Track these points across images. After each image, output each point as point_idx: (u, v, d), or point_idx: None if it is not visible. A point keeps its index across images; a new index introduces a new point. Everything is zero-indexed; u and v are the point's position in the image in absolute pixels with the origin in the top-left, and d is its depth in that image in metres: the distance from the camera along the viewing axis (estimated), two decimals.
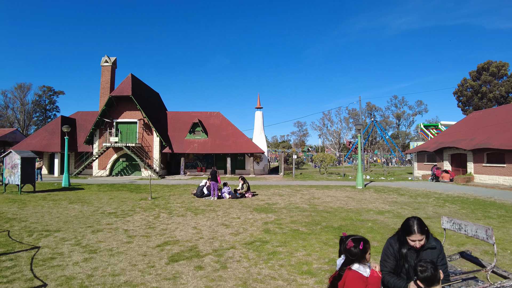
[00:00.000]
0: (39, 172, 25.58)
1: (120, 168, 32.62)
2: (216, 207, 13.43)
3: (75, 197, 15.99)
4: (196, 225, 9.87)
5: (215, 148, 33.25)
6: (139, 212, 12.11)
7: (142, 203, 14.32)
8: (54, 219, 10.54)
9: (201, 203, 14.64)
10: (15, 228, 9.14)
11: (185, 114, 38.15)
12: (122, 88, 31.58)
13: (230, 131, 35.47)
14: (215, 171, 16.18)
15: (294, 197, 16.66)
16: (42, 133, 33.54)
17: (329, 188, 21.36)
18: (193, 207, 13.43)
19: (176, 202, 14.70)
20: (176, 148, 32.91)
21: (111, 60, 33.50)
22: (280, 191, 19.39)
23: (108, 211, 12.13)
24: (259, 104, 39.27)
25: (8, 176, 17.77)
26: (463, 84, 67.59)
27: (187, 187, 21.15)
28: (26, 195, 16.52)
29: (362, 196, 17.45)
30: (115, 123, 32.29)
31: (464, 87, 67.20)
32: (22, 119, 73.70)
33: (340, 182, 26.46)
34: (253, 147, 33.37)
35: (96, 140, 32.20)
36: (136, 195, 17.26)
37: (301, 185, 22.86)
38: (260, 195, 17.29)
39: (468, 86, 66.33)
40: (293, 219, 10.82)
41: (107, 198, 15.95)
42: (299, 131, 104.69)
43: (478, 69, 64.66)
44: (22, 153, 17.77)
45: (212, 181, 15.88)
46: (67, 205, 13.41)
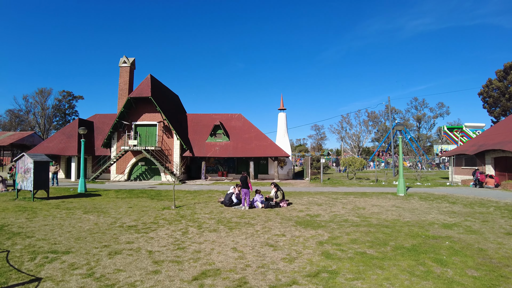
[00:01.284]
0: (55, 176, 24.32)
1: (138, 172, 31.17)
2: (251, 219, 11.58)
3: (91, 205, 14.40)
4: (235, 245, 8.04)
5: (237, 151, 31.49)
6: (163, 225, 10.36)
7: (166, 214, 12.59)
8: (64, 234, 8.87)
9: (232, 213, 12.81)
10: (17, 248, 7.49)
11: (205, 116, 36.56)
12: (141, 89, 30.19)
13: (252, 134, 33.67)
14: (245, 176, 14.35)
15: (335, 207, 14.70)
16: (59, 136, 32.44)
17: (368, 195, 19.30)
18: (224, 219, 11.61)
19: (204, 213, 12.92)
20: (197, 152, 31.29)
21: (130, 60, 32.22)
22: (315, 199, 17.43)
23: (127, 224, 10.42)
24: (282, 106, 37.41)
25: (20, 181, 16.37)
26: (488, 85, 64.31)
27: (211, 194, 19.39)
28: (39, 202, 15.04)
29: (410, 205, 15.43)
30: (134, 125, 30.90)
31: (490, 88, 63.91)
32: (43, 123, 74.05)
33: (375, 188, 24.28)
34: (277, 150, 31.47)
35: (114, 144, 30.86)
36: (158, 203, 15.57)
37: (335, 192, 20.83)
38: (295, 204, 15.37)
39: (494, 87, 63.04)
40: (352, 237, 8.89)
41: (125, 206, 14.31)
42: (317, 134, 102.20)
43: (505, 68, 61.26)
44: (35, 156, 16.34)
45: (243, 188, 14.05)
46: (81, 216, 11.78)
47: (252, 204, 14.44)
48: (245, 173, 14.71)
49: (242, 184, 14.09)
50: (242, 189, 14.03)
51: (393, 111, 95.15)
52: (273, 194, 15.42)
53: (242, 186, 14.05)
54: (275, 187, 15.45)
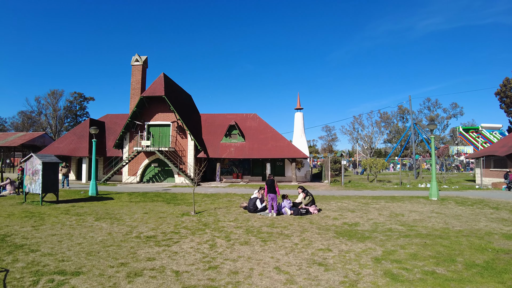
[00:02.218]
0: (65, 178, 23.31)
1: (151, 174, 30.05)
2: (283, 229, 10.22)
3: (103, 211, 13.20)
4: (277, 263, 6.71)
5: (253, 152, 30.18)
6: (186, 235, 9.07)
7: (186, 221, 11.31)
8: (74, 247, 7.64)
9: (259, 221, 11.48)
10: (18, 266, 6.26)
11: (219, 116, 35.35)
12: (154, 88, 29.10)
13: (268, 134, 32.34)
14: (272, 180, 12.99)
15: (371, 213, 13.30)
16: (70, 137, 31.51)
17: (398, 199, 17.85)
18: (253, 228, 10.28)
19: (228, 220, 11.61)
20: (212, 153, 30.07)
21: (142, 59, 31.17)
22: (344, 204, 16.03)
23: (145, 234, 9.16)
24: (299, 105, 36.01)
25: (28, 183, 15.27)
26: (505, 85, 61.99)
27: (230, 198, 18.11)
28: (47, 207, 13.89)
29: (450, 210, 14.11)
30: (147, 125, 29.81)
31: (507, 88, 61.60)
32: (54, 124, 74.05)
33: (402, 192, 22.74)
34: (295, 151, 30.08)
35: (126, 144, 29.80)
36: (175, 208, 14.32)
37: (362, 196, 19.39)
38: (325, 210, 13.99)
39: None
40: (409, 252, 7.54)
41: (141, 212, 13.08)
42: (328, 135, 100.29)
43: None
44: (44, 157, 15.23)
45: (269, 193, 12.69)
46: (93, 223, 10.56)
47: (280, 211, 13.10)
48: (271, 176, 13.37)
49: (268, 188, 12.75)
50: (269, 194, 12.69)
51: (406, 111, 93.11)
52: (301, 199, 14.07)
53: (269, 191, 12.70)
54: (303, 192, 14.08)
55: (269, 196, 12.69)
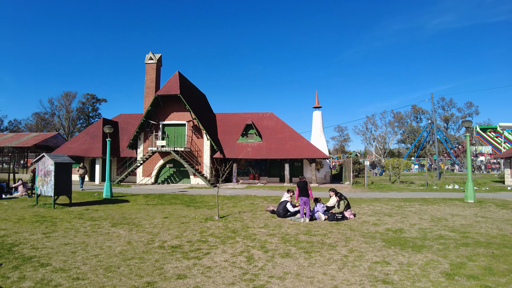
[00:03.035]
0: (82, 180, 22.48)
1: (166, 175, 29.10)
2: (323, 237, 9.04)
3: (119, 215, 12.18)
4: (333, 281, 5.54)
5: (271, 152, 29.01)
6: (216, 245, 7.95)
7: (212, 227, 10.21)
8: (90, 260, 6.57)
9: (293, 228, 10.31)
10: (25, 286, 5.20)
11: (235, 115, 34.26)
12: (169, 86, 28.17)
13: (286, 134, 31.13)
14: (304, 182, 11.80)
15: (410, 217, 12.06)
16: (83, 137, 30.77)
17: (431, 202, 16.55)
18: (289, 236, 9.11)
19: (258, 226, 10.47)
20: (228, 153, 28.99)
21: (156, 57, 30.29)
22: (376, 207, 14.77)
23: (169, 243, 8.07)
24: (317, 103, 34.72)
25: (40, 185, 14.37)
26: None
27: (252, 200, 16.97)
28: (60, 210, 12.94)
29: (495, 214, 12.96)
30: (161, 125, 28.88)
31: None
32: (67, 126, 74.16)
33: (431, 193, 21.34)
34: (314, 151, 28.81)
35: (141, 144, 28.92)
36: (196, 211, 13.24)
37: (392, 199, 18.08)
38: (360, 215, 12.76)
39: None
40: (481, 265, 6.45)
41: (160, 216, 12.02)
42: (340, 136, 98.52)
43: None
44: (56, 157, 14.30)
45: (301, 196, 11.51)
46: (109, 230, 9.52)
47: (313, 216, 11.92)
48: (303, 178, 12.16)
49: (300, 191, 11.56)
50: (301, 198, 11.50)
51: (419, 111, 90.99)
52: (334, 203, 12.86)
53: (301, 194, 11.51)
54: (337, 196, 12.85)
55: (301, 200, 11.52)
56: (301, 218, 11.52)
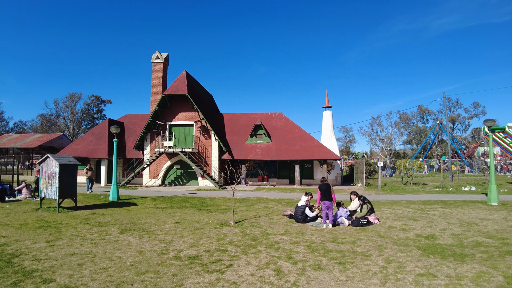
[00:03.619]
0: (89, 182, 21.65)
1: (173, 177, 28.35)
2: (352, 244, 8.21)
3: (128, 220, 11.41)
4: None
5: (281, 153, 28.19)
6: (237, 255, 7.16)
7: (228, 233, 9.42)
8: (99, 274, 5.79)
9: (317, 235, 9.49)
10: None
11: (243, 116, 33.46)
12: (176, 86, 27.44)
13: (296, 134, 30.29)
14: (327, 185, 10.97)
15: (437, 222, 11.31)
16: (88, 138, 30.10)
17: (454, 205, 15.72)
18: (315, 244, 8.29)
19: (278, 232, 9.66)
20: (237, 154, 28.19)
21: (163, 56, 29.58)
22: (397, 210, 13.94)
23: (185, 253, 7.28)
24: (327, 103, 33.85)
25: (44, 187, 13.65)
26: None
27: (265, 203, 16.15)
28: (65, 214, 12.20)
29: None
30: (169, 125, 28.14)
31: None
32: (72, 127, 73.81)
33: (449, 195, 20.43)
34: (326, 152, 27.95)
35: (147, 145, 28.19)
36: (209, 216, 12.45)
37: (410, 201, 17.26)
38: (383, 219, 11.95)
39: None
40: None
41: (171, 221, 11.24)
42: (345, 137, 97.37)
43: None
44: (61, 158, 13.58)
45: (324, 200, 10.68)
46: (118, 237, 8.75)
47: (335, 221, 11.09)
48: (325, 180, 11.34)
49: (323, 194, 10.72)
50: (323, 202, 10.67)
51: (426, 112, 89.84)
52: (356, 207, 12.03)
53: (323, 197, 10.68)
54: (359, 199, 12.03)
55: (323, 204, 10.69)
56: (323, 223, 10.70)
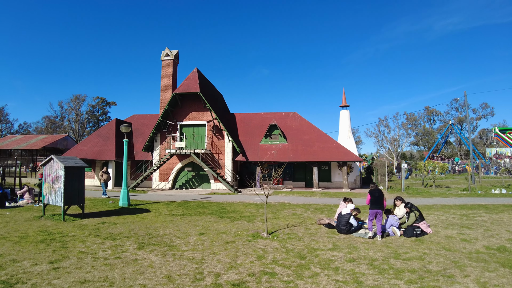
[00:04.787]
0: (104, 185, 19.81)
1: (184, 179, 26.82)
2: (421, 261, 6.62)
3: (144, 230, 9.86)
4: None
5: (298, 155, 26.60)
6: (292, 279, 5.59)
7: (267, 248, 7.85)
8: None
9: (372, 249, 7.90)
10: None
11: (256, 115, 31.93)
12: (187, 84, 25.95)
13: (313, 135, 28.70)
14: (379, 190, 9.39)
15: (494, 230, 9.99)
16: (94, 139, 28.65)
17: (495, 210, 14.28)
18: (376, 262, 6.72)
19: (325, 247, 8.09)
20: (251, 155, 26.64)
21: (173, 53, 28.11)
22: (440, 217, 12.42)
23: (225, 278, 5.72)
24: (344, 102, 32.24)
25: (48, 193, 12.15)
26: None
27: (292, 210, 14.56)
28: (71, 224, 10.68)
29: None
30: (179, 126, 26.64)
31: None
32: (77, 129, 72.76)
33: (482, 199, 18.76)
34: (346, 153, 26.34)
35: (157, 147, 26.69)
36: (235, 225, 10.88)
37: (445, 205, 15.66)
38: (432, 227, 10.33)
39: None
40: None
41: (195, 232, 9.68)
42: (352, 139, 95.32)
43: None
44: (66, 160, 12.08)
45: (375, 207, 9.09)
46: (136, 254, 7.20)
47: (384, 231, 9.51)
48: (376, 185, 9.75)
49: (374, 200, 9.13)
50: (374, 210, 9.09)
51: (433, 113, 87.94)
52: (403, 214, 10.43)
53: (375, 204, 9.09)
54: (406, 205, 10.41)
55: (372, 212, 9.12)
56: (369, 233, 9.12)
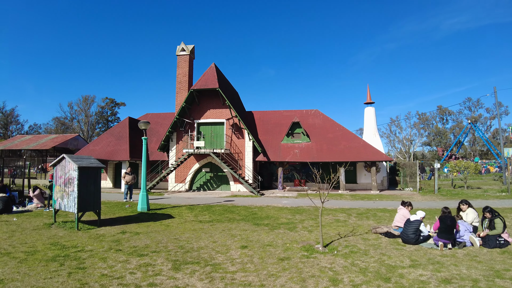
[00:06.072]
0: (128, 187, 17.66)
1: (202, 180, 25.23)
2: None
3: (174, 242, 8.26)
4: None
5: (323, 155, 24.87)
6: None
7: (334, 267, 6.20)
8: None
9: (460, 264, 6.24)
10: None
11: (275, 113, 30.30)
12: (205, 80, 24.39)
13: (337, 133, 26.96)
14: (451, 218, 7.81)
15: None
16: (107, 138, 27.23)
17: None
18: (479, 284, 5.01)
19: (401, 262, 6.44)
20: (272, 155, 24.97)
21: (189, 48, 26.55)
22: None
23: None
24: (369, 99, 30.44)
25: (59, 197, 10.61)
26: None
27: (332, 215, 12.86)
28: (86, 234, 9.11)
29: None
30: (197, 124, 25.09)
31: None
32: (86, 130, 72.02)
33: None
34: (374, 153, 24.55)
35: (173, 146, 25.16)
36: (276, 234, 9.22)
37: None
38: None
39: None
40: None
41: (235, 244, 8.05)
42: None
43: None
44: (80, 160, 10.53)
45: (443, 238, 7.47)
46: (175, 279, 5.58)
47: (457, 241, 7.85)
48: (448, 210, 8.13)
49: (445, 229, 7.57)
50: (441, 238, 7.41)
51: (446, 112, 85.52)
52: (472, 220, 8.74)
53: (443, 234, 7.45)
54: (486, 211, 8.66)
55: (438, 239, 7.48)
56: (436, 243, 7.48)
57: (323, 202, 8.08)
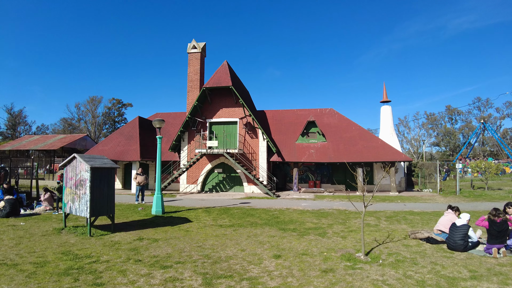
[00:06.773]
0: (140, 189, 16.67)
1: (215, 181, 24.45)
2: None
3: (198, 251, 7.45)
4: None
5: (340, 155, 23.96)
6: None
7: (386, 279, 5.40)
8: None
9: None
10: None
11: (288, 112, 29.46)
12: (218, 78, 23.62)
13: (354, 133, 26.04)
14: (503, 221, 6.85)
15: None
16: (116, 138, 26.55)
17: None
18: None
19: (461, 274, 5.64)
20: (287, 155, 24.12)
21: (200, 46, 25.82)
22: None
23: None
24: (385, 97, 29.46)
25: (70, 200, 9.84)
26: None
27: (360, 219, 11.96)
28: (100, 241, 8.33)
29: None
30: (209, 123, 24.31)
31: None
32: (93, 130, 71.76)
33: None
34: (394, 153, 23.60)
35: (185, 146, 24.41)
36: (307, 240, 8.38)
37: None
38: None
39: None
40: None
41: (266, 254, 7.21)
42: None
43: None
44: (93, 160, 9.75)
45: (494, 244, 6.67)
46: None
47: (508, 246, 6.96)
48: (495, 211, 7.27)
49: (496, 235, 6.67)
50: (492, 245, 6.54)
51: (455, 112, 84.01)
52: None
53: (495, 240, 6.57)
54: None
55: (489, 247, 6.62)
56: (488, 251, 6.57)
57: (366, 206, 7.20)
